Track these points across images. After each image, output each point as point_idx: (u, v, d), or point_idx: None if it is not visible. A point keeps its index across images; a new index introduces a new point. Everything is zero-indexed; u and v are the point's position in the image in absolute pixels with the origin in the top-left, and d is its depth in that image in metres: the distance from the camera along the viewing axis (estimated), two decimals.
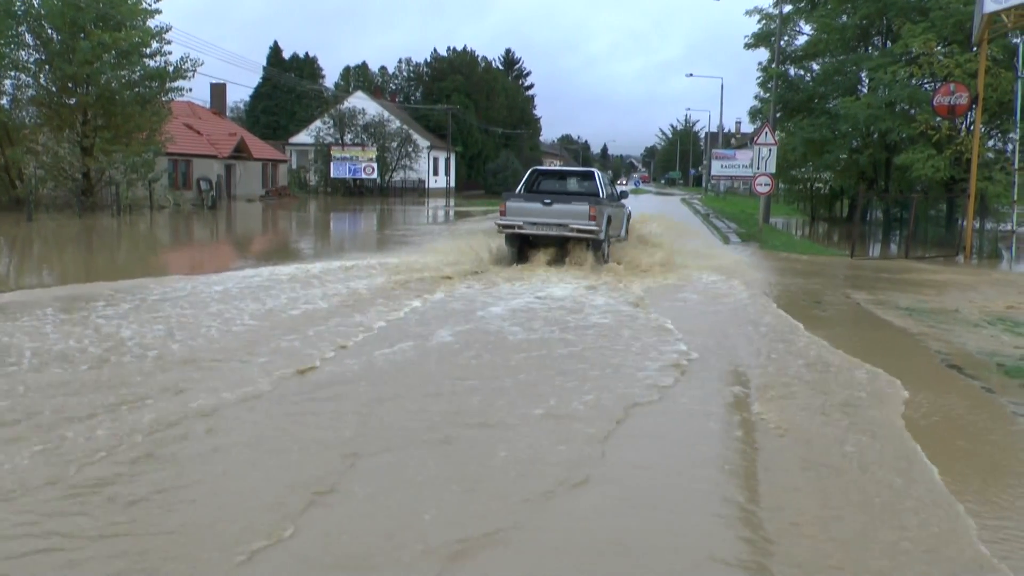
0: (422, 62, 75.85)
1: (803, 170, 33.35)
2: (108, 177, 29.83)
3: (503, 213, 15.59)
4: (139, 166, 30.10)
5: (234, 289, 11.72)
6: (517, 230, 15.62)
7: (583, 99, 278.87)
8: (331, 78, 78.06)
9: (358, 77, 76.08)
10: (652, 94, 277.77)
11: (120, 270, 15.45)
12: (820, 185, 35.98)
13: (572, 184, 18.10)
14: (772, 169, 27.29)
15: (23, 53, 29.02)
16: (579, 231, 15.24)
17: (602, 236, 15.50)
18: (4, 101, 29.61)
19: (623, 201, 18.93)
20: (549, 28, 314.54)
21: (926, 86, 25.68)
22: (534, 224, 15.42)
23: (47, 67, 28.98)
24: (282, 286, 12.10)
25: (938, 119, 23.29)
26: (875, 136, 27.95)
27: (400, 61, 79.12)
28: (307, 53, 73.58)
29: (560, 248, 16.10)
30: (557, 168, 23.45)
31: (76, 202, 28.38)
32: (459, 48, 73.79)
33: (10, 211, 27.53)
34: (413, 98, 74.22)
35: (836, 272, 17.25)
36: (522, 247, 16.27)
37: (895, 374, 7.50)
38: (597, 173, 18.30)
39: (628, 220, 19.26)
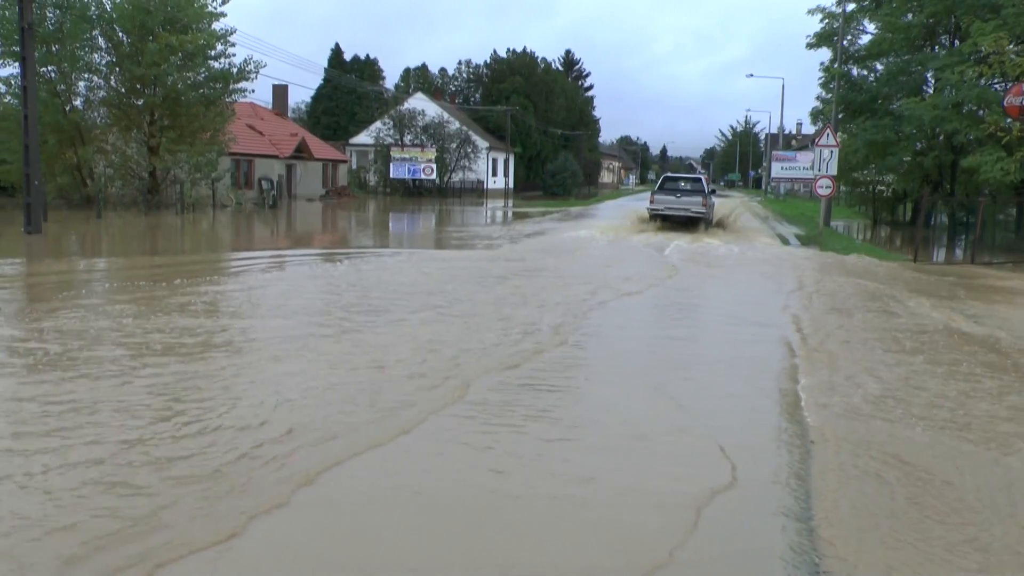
0: (482, 64, 76.24)
1: (865, 172, 32.62)
2: (173, 176, 30.64)
3: (652, 202, 27.30)
4: (203, 165, 30.85)
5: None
6: (661, 211, 26.86)
7: (644, 100, 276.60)
8: (391, 80, 78.96)
9: (418, 79, 76.79)
10: (714, 95, 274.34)
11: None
12: (883, 188, 35.12)
13: (688, 184, 28.20)
14: (833, 171, 26.75)
15: (96, 56, 30.02)
16: (696, 213, 26.43)
17: (708, 217, 27.03)
18: (78, 102, 30.64)
19: (712, 196, 29.25)
20: (613, 29, 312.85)
21: (996, 86, 24.87)
22: (670, 208, 26.72)
23: (117, 69, 29.90)
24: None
25: (1008, 120, 22.49)
26: (941, 138, 27.19)
27: (460, 63, 79.64)
28: (368, 55, 74.55)
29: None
30: (679, 175, 33.35)
31: (142, 200, 29.21)
32: (519, 49, 73.95)
33: (80, 208, 28.47)
34: (472, 99, 74.60)
35: (897, 276, 16.82)
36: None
37: None
38: (703, 178, 30.71)
39: (714, 208, 29.01)
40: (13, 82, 26.74)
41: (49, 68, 28.29)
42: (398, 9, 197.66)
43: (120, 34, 29.53)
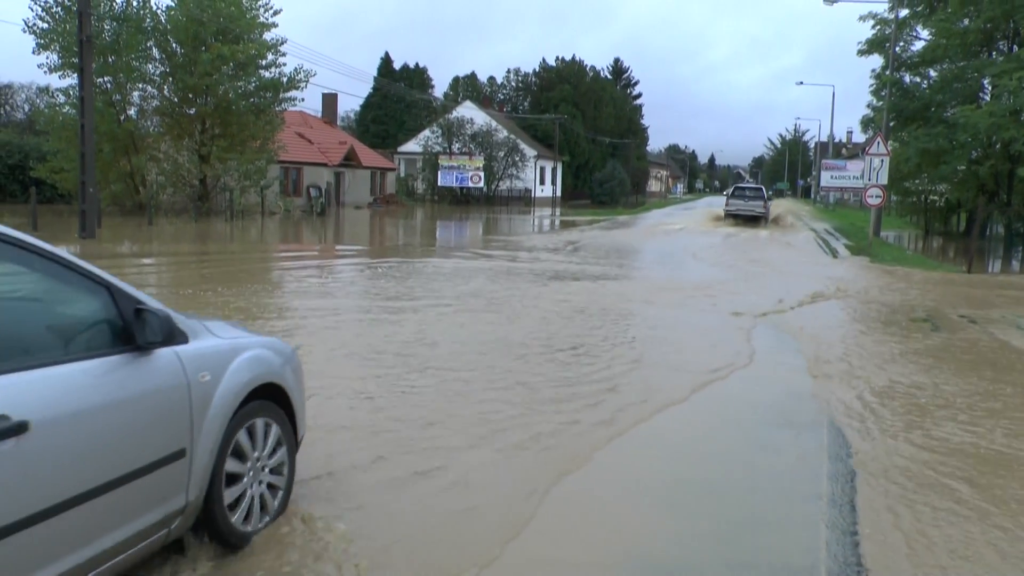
0: (530, 72, 76.46)
1: (917, 182, 31.97)
2: (223, 184, 31.20)
3: (727, 204, 38.68)
4: (252, 173, 31.37)
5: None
6: (733, 211, 37.51)
7: (696, 108, 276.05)
8: (440, 88, 79.60)
9: (467, 87, 77.27)
10: (766, 103, 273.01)
11: None
12: (935, 198, 34.38)
13: (752, 192, 39.96)
14: (884, 180, 26.22)
15: (150, 66, 30.71)
16: (758, 212, 37.14)
17: (766, 215, 37.84)
18: (132, 112, 31.38)
19: (769, 201, 41.02)
20: (669, 36, 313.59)
21: None
22: (740, 209, 37.42)
23: (170, 79, 30.56)
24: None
25: None
26: (997, 146, 26.52)
27: (508, 71, 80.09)
28: (417, 64, 75.31)
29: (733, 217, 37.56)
30: (746, 185, 46.23)
31: (192, 207, 29.79)
32: (568, 58, 74.03)
33: (132, 215, 29.14)
34: (521, 108, 74.82)
35: (949, 286, 16.41)
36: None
37: None
38: (762, 187, 44.07)
39: (770, 210, 39.76)
40: (72, 92, 27.51)
41: (105, 79, 29.02)
42: (455, 19, 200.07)
43: (174, 45, 30.20)
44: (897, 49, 30.41)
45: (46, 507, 2.66)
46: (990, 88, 27.80)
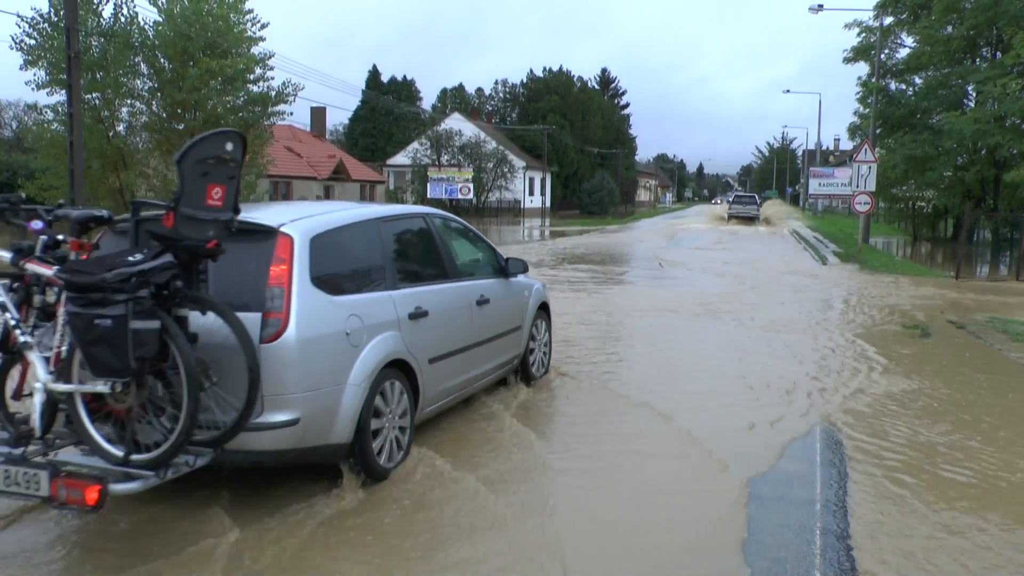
0: (518, 83, 76.60)
1: (904, 188, 32.21)
2: None
3: (729, 208, 58.84)
4: (241, 188, 31.25)
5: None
6: (734, 213, 55.21)
7: (687, 118, 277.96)
8: (428, 101, 79.60)
9: (455, 99, 77.38)
10: (757, 112, 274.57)
11: None
12: (923, 204, 34.63)
13: (748, 199, 59.02)
14: (872, 187, 26.40)
15: (138, 82, 30.60)
16: (753, 214, 54.70)
17: (759, 216, 55.50)
18: (121, 128, 31.24)
19: (761, 206, 59.70)
20: (662, 48, 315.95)
21: None
22: (740, 212, 55.19)
23: (159, 94, 30.46)
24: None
25: None
26: (983, 152, 26.76)
27: (496, 82, 80.00)
28: (405, 76, 75.38)
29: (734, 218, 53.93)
30: (743, 194, 62.58)
31: None
32: (556, 69, 74.19)
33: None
34: (509, 119, 74.94)
35: (938, 292, 16.52)
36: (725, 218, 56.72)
37: None
38: (755, 195, 67.86)
39: (761, 211, 57.12)
40: (60, 109, 27.38)
41: (94, 95, 28.86)
42: (451, 32, 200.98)
43: (162, 60, 30.08)
44: (882, 57, 30.69)
45: (494, 335, 6.63)
46: (974, 95, 28.06)
